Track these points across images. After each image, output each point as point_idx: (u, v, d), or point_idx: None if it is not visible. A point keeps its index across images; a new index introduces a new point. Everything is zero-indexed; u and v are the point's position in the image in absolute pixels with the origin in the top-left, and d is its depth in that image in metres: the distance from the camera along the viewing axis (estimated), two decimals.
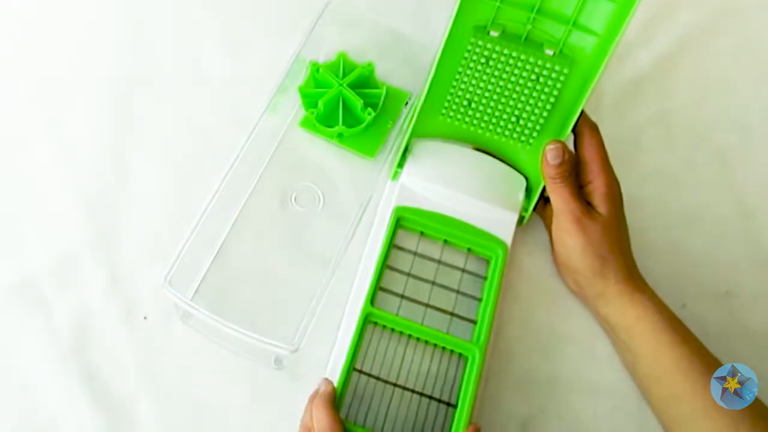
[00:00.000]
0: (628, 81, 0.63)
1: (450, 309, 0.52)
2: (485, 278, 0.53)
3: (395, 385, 0.49)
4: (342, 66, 0.58)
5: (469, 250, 0.54)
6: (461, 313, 0.52)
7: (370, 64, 0.58)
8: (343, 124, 0.56)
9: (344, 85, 0.57)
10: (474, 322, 0.51)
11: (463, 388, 0.48)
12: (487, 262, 0.53)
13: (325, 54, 0.60)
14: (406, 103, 0.59)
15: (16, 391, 0.49)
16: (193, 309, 0.47)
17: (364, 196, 0.54)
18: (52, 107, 0.59)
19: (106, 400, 0.49)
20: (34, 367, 0.50)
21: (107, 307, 0.52)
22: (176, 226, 0.50)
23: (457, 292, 0.52)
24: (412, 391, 0.49)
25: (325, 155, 0.57)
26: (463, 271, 0.53)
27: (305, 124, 0.58)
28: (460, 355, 0.50)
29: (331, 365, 0.48)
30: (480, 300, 0.52)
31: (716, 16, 0.67)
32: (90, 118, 0.59)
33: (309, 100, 0.58)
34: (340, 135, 0.57)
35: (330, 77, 0.57)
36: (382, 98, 0.58)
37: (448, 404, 0.49)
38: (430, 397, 0.49)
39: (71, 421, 0.49)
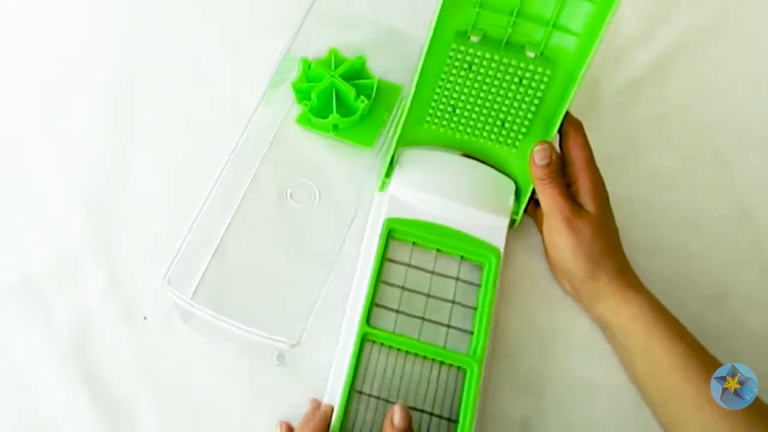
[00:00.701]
0: (626, 82, 0.63)
1: (446, 321, 0.51)
2: (479, 285, 0.52)
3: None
4: (333, 61, 0.58)
5: (462, 257, 0.53)
6: (457, 324, 0.51)
7: (361, 57, 0.58)
8: (338, 114, 0.56)
9: (336, 75, 0.56)
10: (470, 332, 0.51)
11: (463, 402, 0.47)
12: (481, 268, 0.53)
13: (316, 51, 0.59)
14: (401, 99, 0.59)
15: (16, 391, 0.49)
16: (193, 307, 0.47)
17: (359, 191, 0.54)
18: (52, 107, 0.59)
19: (106, 400, 0.49)
20: (34, 367, 0.50)
21: (107, 307, 0.52)
22: (176, 225, 0.50)
23: (453, 302, 0.52)
24: (413, 408, 0.49)
25: (320, 151, 0.58)
26: (457, 279, 0.53)
27: (301, 120, 0.58)
28: (459, 367, 0.50)
29: (330, 387, 0.48)
30: (475, 309, 0.52)
31: (715, 18, 0.67)
32: (90, 118, 0.59)
33: (302, 95, 0.57)
34: (335, 126, 0.57)
35: (322, 71, 0.57)
36: (375, 87, 0.57)
37: (449, 420, 0.48)
38: (431, 414, 0.49)
39: (71, 421, 0.49)
